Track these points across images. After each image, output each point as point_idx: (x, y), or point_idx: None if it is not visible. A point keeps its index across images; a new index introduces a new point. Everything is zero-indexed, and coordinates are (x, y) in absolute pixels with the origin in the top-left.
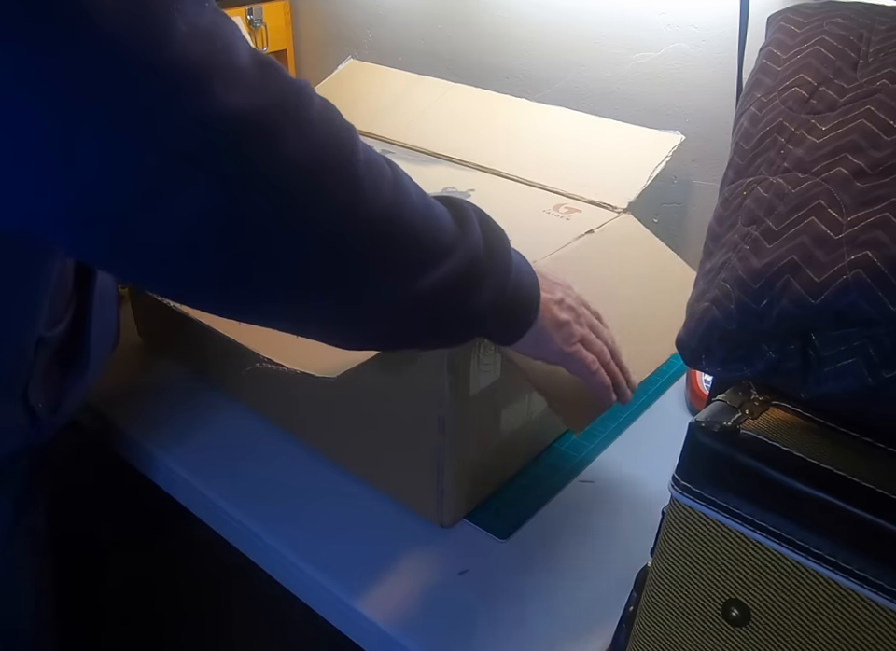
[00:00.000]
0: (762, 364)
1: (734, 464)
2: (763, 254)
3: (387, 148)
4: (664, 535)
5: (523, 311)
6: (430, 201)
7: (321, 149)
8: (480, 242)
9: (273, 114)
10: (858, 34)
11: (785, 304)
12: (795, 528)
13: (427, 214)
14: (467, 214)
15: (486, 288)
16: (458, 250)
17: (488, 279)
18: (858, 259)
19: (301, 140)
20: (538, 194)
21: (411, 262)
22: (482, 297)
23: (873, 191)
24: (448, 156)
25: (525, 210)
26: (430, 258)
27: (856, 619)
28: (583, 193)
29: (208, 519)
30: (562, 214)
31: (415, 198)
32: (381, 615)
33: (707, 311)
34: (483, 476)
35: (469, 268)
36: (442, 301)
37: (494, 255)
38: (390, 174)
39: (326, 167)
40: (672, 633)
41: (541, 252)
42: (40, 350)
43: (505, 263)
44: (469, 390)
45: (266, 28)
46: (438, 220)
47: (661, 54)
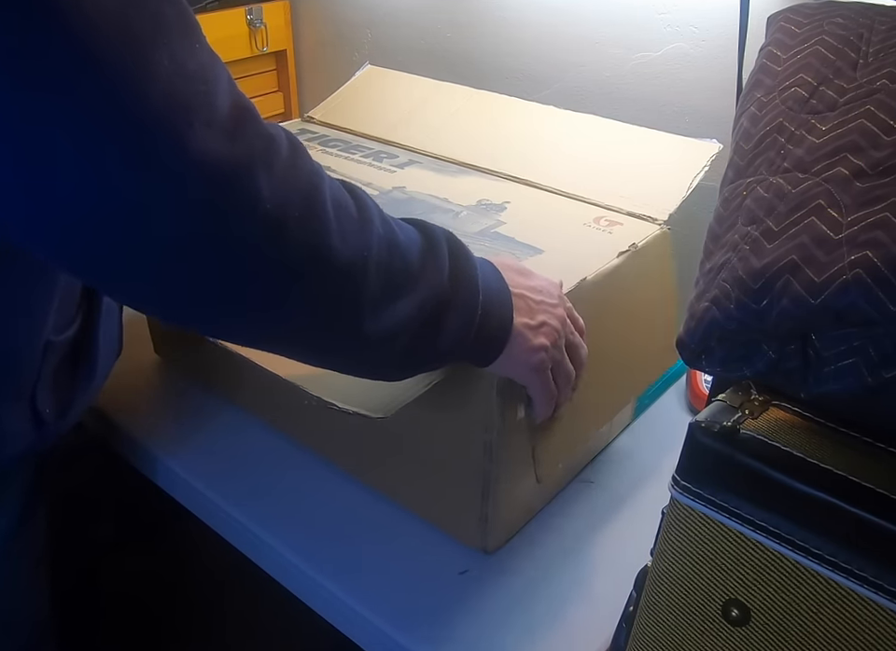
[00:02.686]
0: (762, 364)
1: (734, 464)
2: (763, 254)
3: (414, 158)
4: (664, 535)
5: (492, 339)
6: (396, 235)
7: (289, 198)
8: (444, 274)
9: (244, 163)
10: (858, 34)
11: (785, 304)
12: (795, 528)
13: (391, 250)
14: (435, 243)
15: (450, 320)
16: (420, 284)
17: (450, 313)
18: (858, 259)
19: (269, 189)
20: (575, 206)
21: (371, 298)
22: (445, 329)
23: (873, 191)
24: (479, 166)
25: (565, 222)
26: (390, 293)
27: (856, 619)
28: (622, 205)
29: (208, 519)
30: (603, 227)
31: (380, 234)
32: (381, 615)
33: (707, 311)
34: (527, 500)
35: (431, 301)
36: (404, 334)
37: (460, 286)
38: (355, 213)
39: (292, 215)
40: (672, 633)
41: (587, 269)
42: (48, 354)
43: (471, 293)
44: (517, 414)
45: (266, 28)
46: (403, 255)
47: (661, 54)
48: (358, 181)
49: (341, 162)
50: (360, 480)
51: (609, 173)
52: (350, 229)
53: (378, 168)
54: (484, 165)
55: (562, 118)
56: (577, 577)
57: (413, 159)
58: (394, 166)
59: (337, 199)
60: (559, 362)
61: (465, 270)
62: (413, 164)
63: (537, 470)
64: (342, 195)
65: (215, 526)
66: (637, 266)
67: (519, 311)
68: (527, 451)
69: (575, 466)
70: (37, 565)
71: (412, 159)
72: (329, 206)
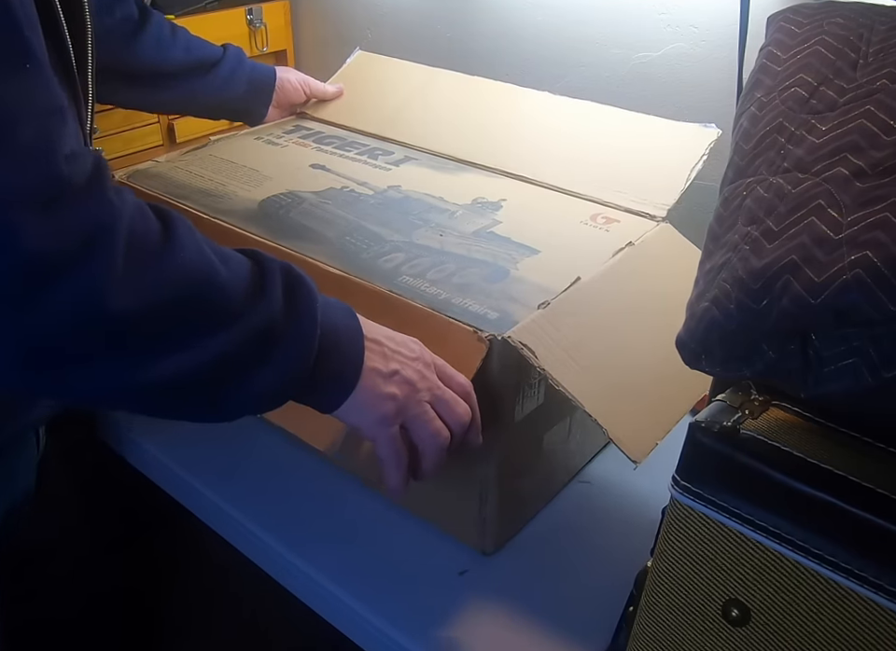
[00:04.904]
0: (762, 364)
1: (734, 464)
2: (763, 254)
3: (410, 154)
4: (664, 535)
5: (335, 380)
6: (212, 272)
7: (64, 241)
8: (276, 308)
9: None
10: (858, 34)
11: (785, 304)
12: (795, 528)
13: (202, 287)
14: (268, 276)
15: (280, 356)
16: (244, 318)
17: (280, 348)
18: (858, 259)
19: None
20: (572, 203)
21: (179, 336)
22: (274, 365)
23: (873, 191)
24: (475, 162)
25: (561, 221)
26: (199, 330)
27: (856, 619)
28: (619, 201)
29: (208, 519)
30: (600, 224)
31: (185, 272)
32: (381, 615)
33: (706, 311)
34: (526, 501)
35: (257, 336)
36: (223, 371)
37: (294, 321)
38: (155, 264)
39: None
40: (672, 633)
41: (584, 268)
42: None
43: (307, 329)
44: (514, 416)
45: (266, 28)
46: (221, 289)
47: (661, 54)
48: (353, 179)
49: (335, 160)
50: (361, 481)
51: (607, 164)
52: (139, 276)
53: (373, 166)
54: (481, 161)
55: (558, 105)
56: (577, 577)
57: (409, 156)
58: (389, 163)
59: (137, 238)
60: (417, 418)
61: (301, 305)
62: (409, 161)
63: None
64: (148, 229)
65: (214, 526)
66: (637, 265)
67: (371, 356)
68: (527, 451)
69: (573, 467)
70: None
71: (407, 155)
72: (117, 251)
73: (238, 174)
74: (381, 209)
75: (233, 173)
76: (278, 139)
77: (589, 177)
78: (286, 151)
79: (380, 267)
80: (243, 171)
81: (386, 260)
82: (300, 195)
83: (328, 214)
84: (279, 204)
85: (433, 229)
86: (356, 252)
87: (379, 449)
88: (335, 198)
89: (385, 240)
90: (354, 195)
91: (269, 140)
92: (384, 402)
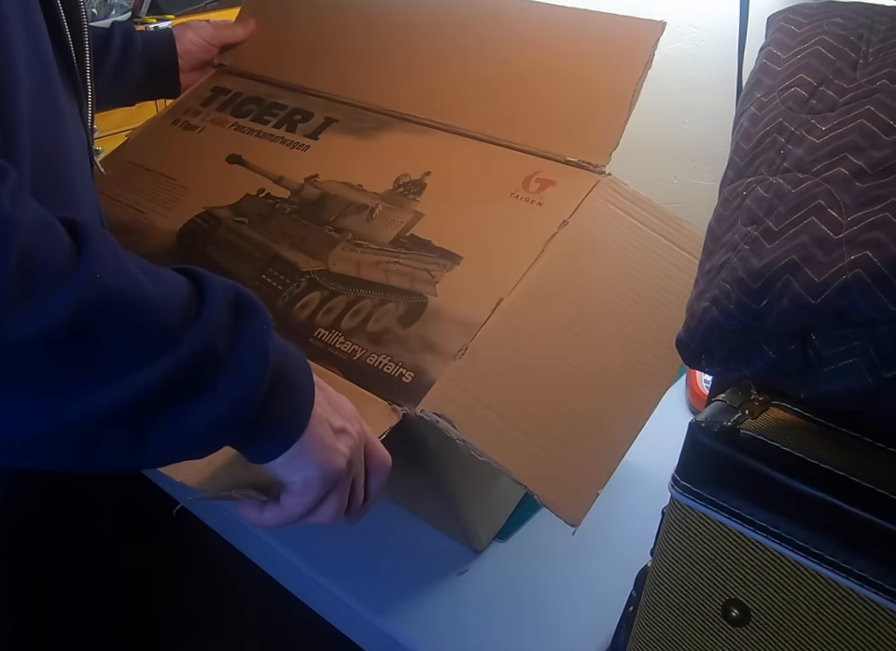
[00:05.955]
0: (762, 364)
1: (734, 464)
2: (763, 254)
3: (330, 113)
4: (664, 535)
5: (281, 423)
6: (136, 295)
7: None
8: (218, 335)
9: None
10: (858, 34)
11: (785, 304)
12: (795, 528)
13: (123, 315)
14: (208, 302)
15: (219, 396)
16: (181, 345)
17: (222, 381)
18: (858, 259)
19: None
20: (502, 163)
21: (94, 368)
22: (213, 400)
23: (873, 191)
24: (398, 112)
25: (488, 196)
26: (125, 360)
27: (856, 619)
28: (554, 147)
29: (207, 518)
30: (532, 193)
31: (109, 294)
32: (381, 614)
33: (706, 311)
34: (501, 501)
35: (193, 366)
36: (149, 406)
37: (241, 350)
38: (60, 285)
39: None
40: (672, 633)
41: (510, 277)
42: None
43: (256, 363)
44: (460, 451)
45: None
46: (147, 314)
47: (661, 54)
48: (270, 175)
49: (252, 144)
50: None
51: (538, 96)
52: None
53: (291, 144)
54: (405, 110)
55: (486, 28)
56: (577, 577)
57: (328, 118)
58: (308, 136)
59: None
60: (339, 491)
61: (250, 330)
62: (329, 126)
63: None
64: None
65: (214, 525)
66: (572, 253)
67: (320, 403)
68: (485, 472)
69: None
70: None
71: (327, 116)
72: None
73: (155, 190)
74: (297, 221)
75: (150, 190)
76: (195, 118)
77: (520, 118)
78: (202, 138)
79: (295, 318)
80: (159, 183)
81: (302, 306)
82: (215, 215)
83: (243, 242)
84: (195, 235)
85: (349, 245)
86: (271, 297)
87: (309, 514)
88: (251, 212)
89: (300, 272)
90: (269, 203)
91: (186, 122)
92: (336, 456)
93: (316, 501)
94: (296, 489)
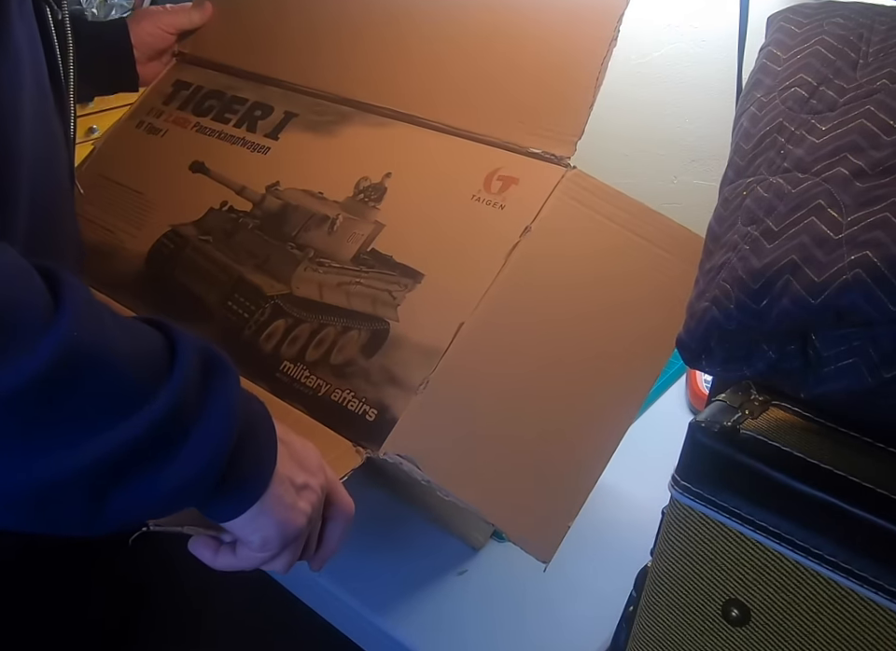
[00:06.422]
0: (762, 364)
1: (734, 464)
2: (763, 254)
3: (290, 107)
4: (664, 535)
5: (245, 482)
6: (109, 354)
7: None
8: (190, 392)
9: None
10: (858, 34)
11: (785, 304)
12: (795, 528)
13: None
14: (179, 358)
15: (189, 449)
16: (153, 401)
17: (192, 439)
18: (858, 259)
19: None
20: (463, 159)
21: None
22: (178, 460)
23: (873, 191)
24: (358, 100)
25: (450, 199)
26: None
27: (856, 619)
28: (517, 138)
29: None
30: (494, 194)
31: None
32: (381, 614)
33: (706, 311)
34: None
35: (160, 424)
36: (114, 474)
37: (210, 408)
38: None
39: None
40: (672, 633)
41: (471, 294)
42: None
43: (225, 423)
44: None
45: None
46: (114, 369)
47: (661, 54)
48: (232, 185)
49: (214, 148)
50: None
51: (500, 79)
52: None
53: (252, 147)
54: (365, 99)
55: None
56: (577, 577)
57: (288, 111)
58: (269, 136)
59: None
60: (295, 546)
61: (220, 387)
62: (289, 123)
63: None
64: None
65: None
66: (537, 261)
67: (282, 460)
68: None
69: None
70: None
71: (287, 110)
72: None
73: (123, 207)
74: (259, 238)
75: (119, 206)
76: (158, 119)
77: (481, 105)
78: (165, 144)
79: (261, 349)
80: (127, 199)
81: (268, 336)
82: (181, 233)
83: (208, 264)
84: (164, 257)
85: (312, 264)
86: (238, 326)
87: (269, 563)
88: (215, 229)
89: (265, 298)
90: (232, 217)
91: (149, 125)
92: (296, 515)
93: (273, 556)
94: (253, 546)
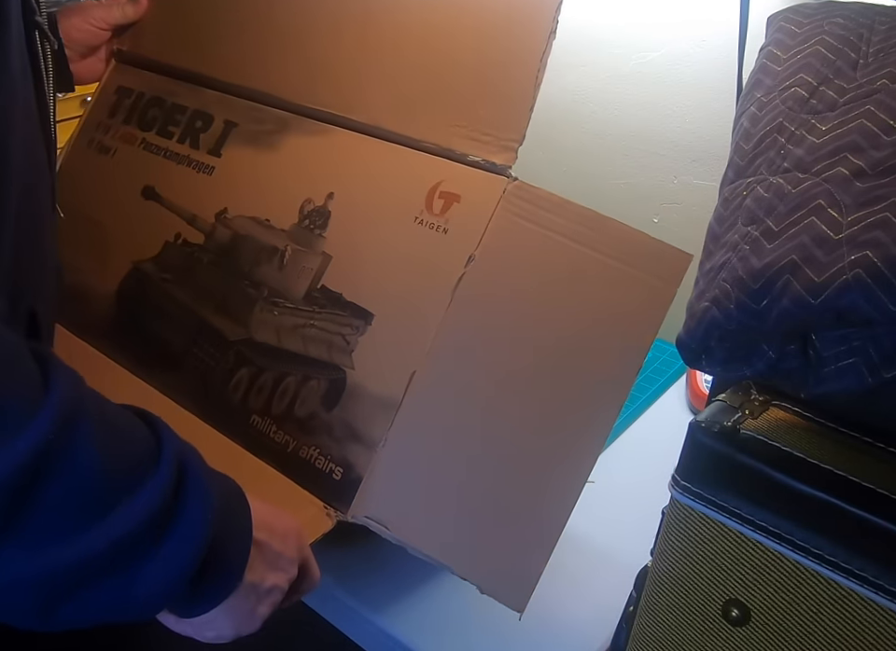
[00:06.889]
0: (762, 364)
1: (734, 464)
2: (763, 254)
3: (229, 115)
4: (664, 535)
5: (210, 590)
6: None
7: None
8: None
9: None
10: (858, 34)
11: (785, 304)
12: (795, 528)
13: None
14: (161, 457)
15: (163, 559)
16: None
17: (167, 545)
18: (858, 259)
19: None
20: (406, 174)
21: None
22: (152, 570)
23: (873, 191)
24: (294, 102)
25: (393, 223)
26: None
27: (856, 619)
28: (457, 144)
29: None
30: (436, 216)
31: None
32: (381, 615)
33: (706, 311)
34: None
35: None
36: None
37: (184, 512)
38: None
39: None
40: (672, 633)
41: (420, 334)
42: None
43: (199, 529)
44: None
45: None
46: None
47: (661, 54)
48: (184, 214)
49: (162, 169)
50: None
51: (441, 78)
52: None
53: (197, 167)
54: (301, 101)
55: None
56: (577, 577)
57: (228, 121)
58: (212, 152)
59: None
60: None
61: (193, 492)
62: (231, 134)
63: None
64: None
65: None
66: (482, 292)
67: (252, 566)
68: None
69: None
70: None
71: (227, 119)
72: None
73: (88, 242)
74: (216, 275)
75: (84, 242)
76: (106, 135)
77: (419, 107)
78: (117, 165)
79: (230, 399)
80: (90, 232)
81: (235, 386)
82: (143, 271)
83: (172, 307)
84: (131, 298)
85: (267, 304)
86: (205, 373)
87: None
88: (172, 267)
89: (228, 342)
90: (187, 251)
91: (99, 143)
92: (254, 621)
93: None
94: (206, 638)
